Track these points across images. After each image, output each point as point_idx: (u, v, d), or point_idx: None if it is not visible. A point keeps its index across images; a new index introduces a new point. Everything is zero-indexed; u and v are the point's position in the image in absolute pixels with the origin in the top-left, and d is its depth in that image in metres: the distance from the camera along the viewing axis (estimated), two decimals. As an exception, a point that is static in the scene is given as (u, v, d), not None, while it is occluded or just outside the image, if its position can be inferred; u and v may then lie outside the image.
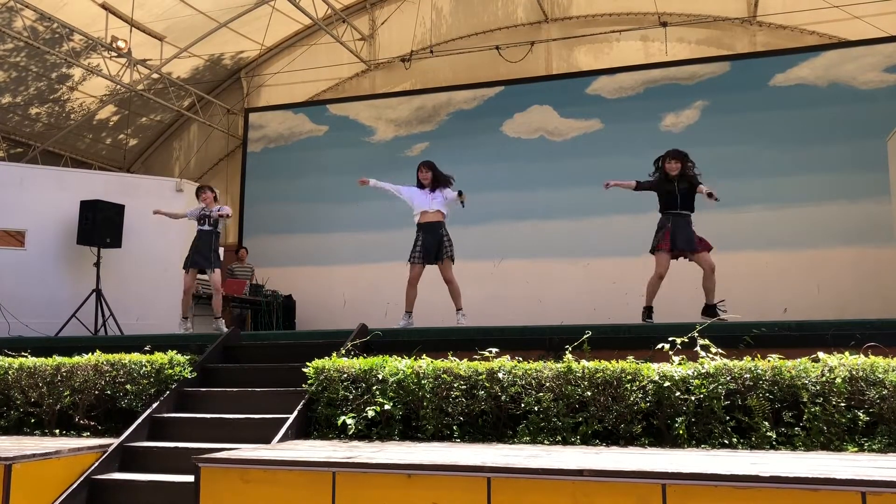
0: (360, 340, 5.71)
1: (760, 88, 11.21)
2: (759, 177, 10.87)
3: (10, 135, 13.32)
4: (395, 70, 13.69)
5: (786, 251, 10.58)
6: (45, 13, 11.20)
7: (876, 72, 10.76)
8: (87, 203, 9.21)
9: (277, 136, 13.90)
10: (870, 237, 10.16)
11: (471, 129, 12.46)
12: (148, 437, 5.15)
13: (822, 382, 4.18)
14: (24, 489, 4.23)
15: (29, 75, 12.43)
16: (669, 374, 4.37)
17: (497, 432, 4.63)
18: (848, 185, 10.47)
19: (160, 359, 5.65)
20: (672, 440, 4.30)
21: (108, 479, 4.67)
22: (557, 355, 4.88)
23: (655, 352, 4.76)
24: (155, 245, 9.82)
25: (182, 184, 10.26)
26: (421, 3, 13.14)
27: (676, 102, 11.57)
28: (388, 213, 12.10)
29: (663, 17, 11.96)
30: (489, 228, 11.72)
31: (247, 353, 6.24)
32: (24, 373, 5.74)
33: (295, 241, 12.98)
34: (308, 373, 5.07)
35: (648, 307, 6.83)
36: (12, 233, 9.38)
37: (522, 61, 12.67)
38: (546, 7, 12.72)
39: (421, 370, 4.82)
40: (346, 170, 13.00)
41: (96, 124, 14.26)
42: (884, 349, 4.58)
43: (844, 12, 10.81)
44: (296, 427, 4.81)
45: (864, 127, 10.32)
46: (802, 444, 4.09)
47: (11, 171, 9.81)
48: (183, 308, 8.35)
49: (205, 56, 13.78)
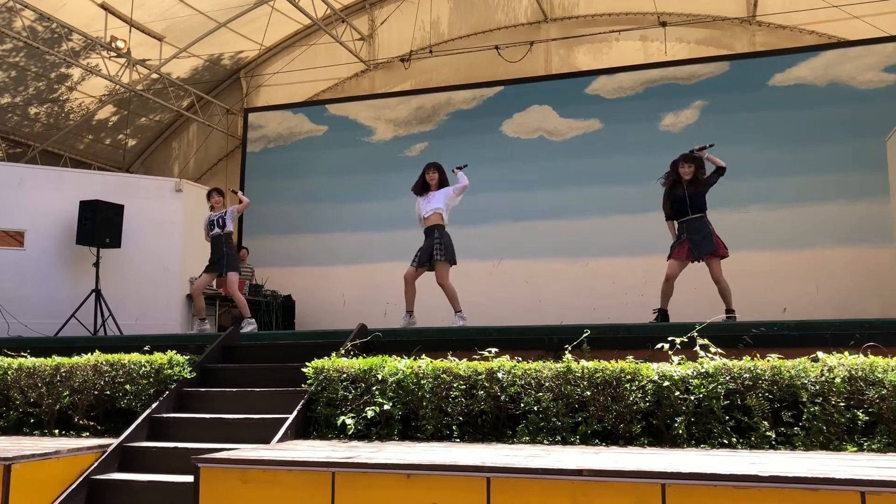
0: (359, 340, 5.71)
1: (759, 88, 11.20)
2: (759, 177, 10.85)
3: (9, 135, 13.32)
4: (395, 70, 13.69)
5: (785, 251, 10.57)
6: (45, 13, 11.20)
7: (875, 72, 10.75)
8: (87, 203, 9.21)
9: (277, 136, 13.89)
10: (869, 237, 10.15)
11: (470, 129, 12.45)
12: (147, 437, 5.16)
13: (821, 382, 4.18)
14: (24, 489, 4.23)
15: (28, 75, 12.43)
16: (669, 374, 4.37)
17: (496, 432, 4.63)
18: (847, 185, 10.46)
19: (159, 359, 5.66)
20: (671, 440, 4.30)
21: (107, 480, 4.67)
22: (557, 355, 4.88)
23: (655, 352, 4.76)
24: (154, 245, 9.82)
25: (181, 184, 10.25)
26: (420, 3, 13.14)
27: (676, 102, 11.56)
28: (388, 213, 12.12)
29: (662, 17, 11.96)
30: (489, 228, 11.72)
31: (246, 353, 6.25)
32: (24, 373, 5.74)
33: (294, 241, 12.97)
34: (307, 373, 5.07)
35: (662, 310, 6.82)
36: (12, 233, 9.37)
37: (522, 61, 12.66)
38: (545, 7, 12.72)
39: (420, 370, 4.82)
40: (345, 170, 13.02)
41: (95, 124, 14.25)
42: (883, 349, 4.58)
43: (843, 12, 10.81)
44: (295, 427, 4.81)
45: (864, 127, 10.31)
46: (802, 444, 4.09)
47: (11, 171, 9.80)
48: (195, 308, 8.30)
49: (204, 56, 13.78)
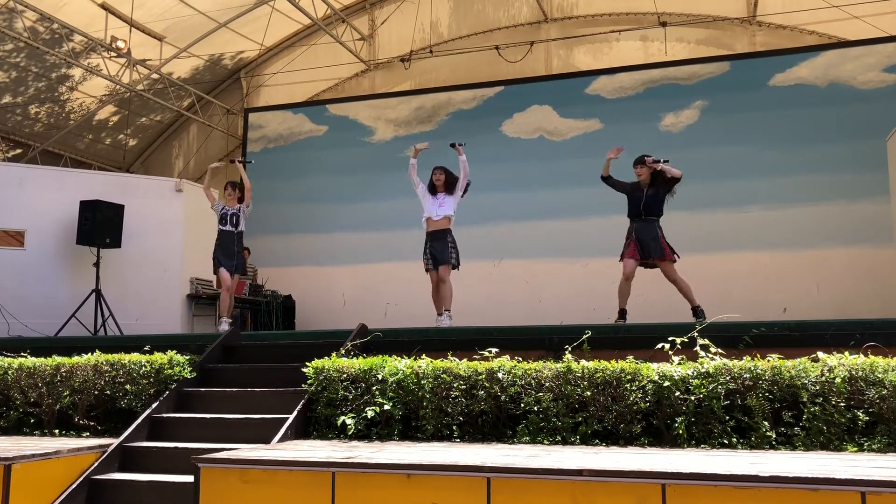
0: (359, 340, 5.71)
1: (760, 88, 11.20)
2: (759, 177, 10.87)
3: (9, 135, 13.31)
4: (395, 70, 13.69)
5: (786, 251, 10.57)
6: (45, 13, 11.20)
7: (875, 72, 10.75)
8: (87, 203, 9.20)
9: (277, 136, 13.89)
10: (869, 237, 10.15)
11: (470, 129, 12.43)
12: (147, 437, 5.16)
13: (821, 382, 4.18)
14: (24, 489, 4.23)
15: (29, 75, 12.43)
16: (669, 374, 4.37)
17: (497, 432, 4.63)
18: (848, 185, 10.47)
19: (160, 359, 5.65)
20: (672, 440, 4.30)
21: (107, 480, 4.67)
22: (557, 355, 4.88)
23: (655, 352, 4.76)
24: (155, 245, 9.82)
25: (181, 184, 10.25)
26: (420, 3, 13.13)
27: (676, 102, 11.57)
28: (388, 213, 12.12)
29: (663, 17, 11.96)
30: (489, 228, 11.72)
31: (246, 353, 6.24)
32: (24, 373, 5.73)
33: (294, 241, 12.97)
34: (308, 373, 5.07)
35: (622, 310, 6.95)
36: (12, 233, 9.37)
37: (522, 61, 12.66)
38: (546, 7, 12.72)
39: (420, 370, 4.82)
40: (345, 170, 13.02)
41: (96, 124, 14.25)
42: (883, 349, 4.58)
43: (844, 12, 10.80)
44: (295, 427, 4.81)
45: (864, 127, 10.31)
46: (802, 444, 4.09)
47: (11, 171, 9.80)
48: (223, 308, 8.08)
49: (204, 56, 13.78)
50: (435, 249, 7.39)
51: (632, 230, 7.04)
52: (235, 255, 8.08)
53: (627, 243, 7.01)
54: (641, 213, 6.99)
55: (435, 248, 7.39)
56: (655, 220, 7.01)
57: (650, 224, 6.97)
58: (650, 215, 6.99)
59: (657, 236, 6.94)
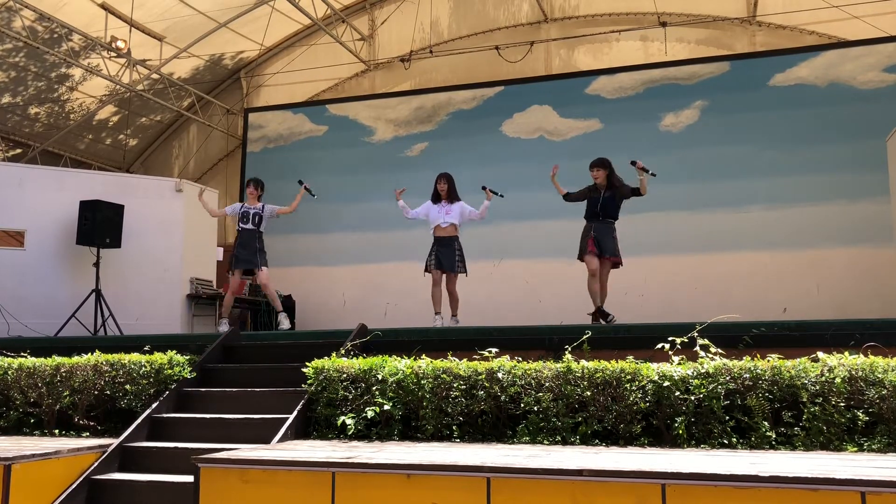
0: (359, 340, 5.71)
1: (760, 88, 11.20)
2: (759, 177, 10.86)
3: (9, 135, 13.31)
4: (395, 70, 13.69)
5: (786, 251, 10.57)
6: (45, 13, 11.19)
7: (875, 72, 10.75)
8: (87, 203, 9.21)
9: (277, 136, 13.89)
10: (869, 237, 10.15)
11: (470, 130, 12.45)
12: (147, 437, 5.16)
13: (821, 382, 4.18)
14: (24, 489, 4.23)
15: (28, 75, 12.43)
16: (669, 374, 4.37)
17: (497, 432, 4.63)
18: (848, 185, 10.46)
19: (160, 359, 5.65)
20: (671, 440, 4.30)
21: (107, 480, 4.67)
22: (557, 355, 4.88)
23: (655, 352, 4.76)
24: (155, 245, 9.82)
25: (181, 184, 10.26)
26: (420, 4, 13.13)
27: (676, 102, 11.56)
28: (389, 213, 12.08)
29: (663, 17, 11.96)
30: (489, 229, 11.66)
31: (246, 353, 6.25)
32: (24, 373, 5.73)
33: (294, 241, 12.94)
34: (307, 373, 5.07)
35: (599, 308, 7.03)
36: (12, 233, 9.37)
37: (522, 61, 12.66)
38: (546, 7, 12.72)
39: (420, 370, 4.82)
40: (345, 170, 13.01)
41: (96, 124, 14.25)
42: (883, 349, 4.58)
43: (844, 12, 10.80)
44: (295, 427, 4.81)
45: (864, 127, 10.30)
46: (802, 444, 4.09)
47: (11, 171, 9.80)
48: (226, 309, 8.23)
49: (204, 56, 13.78)
50: (441, 255, 7.53)
51: (589, 229, 7.24)
52: (258, 250, 8.06)
53: (586, 241, 7.20)
54: (599, 214, 7.23)
55: (441, 254, 7.54)
56: (612, 223, 7.26)
57: (607, 225, 7.24)
58: (607, 217, 7.25)
59: (614, 238, 7.20)
